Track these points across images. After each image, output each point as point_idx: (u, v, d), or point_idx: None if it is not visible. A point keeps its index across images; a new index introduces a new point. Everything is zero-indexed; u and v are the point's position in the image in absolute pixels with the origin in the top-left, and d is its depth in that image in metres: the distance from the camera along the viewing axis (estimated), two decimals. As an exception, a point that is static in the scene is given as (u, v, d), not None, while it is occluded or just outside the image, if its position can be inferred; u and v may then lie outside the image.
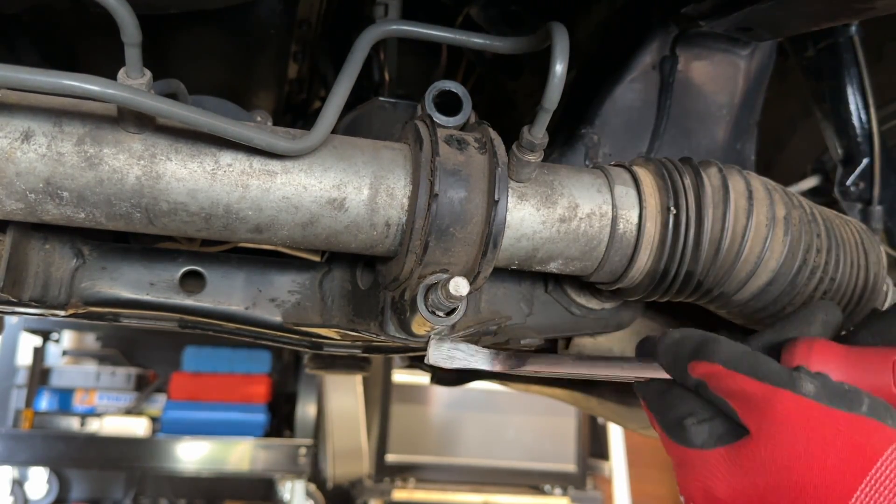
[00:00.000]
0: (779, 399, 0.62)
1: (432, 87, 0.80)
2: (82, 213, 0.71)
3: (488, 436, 4.09)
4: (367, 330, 0.89)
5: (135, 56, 0.67)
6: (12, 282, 0.81)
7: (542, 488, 4.05)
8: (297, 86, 1.39)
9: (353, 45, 0.82)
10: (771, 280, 0.87)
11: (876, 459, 0.59)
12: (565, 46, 0.73)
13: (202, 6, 0.91)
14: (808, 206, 0.92)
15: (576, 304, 1.00)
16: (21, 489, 3.66)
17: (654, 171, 0.86)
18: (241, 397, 3.60)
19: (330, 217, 0.75)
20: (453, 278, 0.71)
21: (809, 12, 0.92)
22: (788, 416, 0.62)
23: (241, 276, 0.94)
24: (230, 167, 0.72)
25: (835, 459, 0.60)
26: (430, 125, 0.78)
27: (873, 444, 0.59)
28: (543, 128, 0.76)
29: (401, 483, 3.90)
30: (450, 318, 0.73)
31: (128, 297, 0.90)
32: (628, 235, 0.83)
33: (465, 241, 0.75)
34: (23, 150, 0.68)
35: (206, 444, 3.44)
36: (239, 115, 0.90)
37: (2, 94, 0.69)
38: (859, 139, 1.30)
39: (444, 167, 0.74)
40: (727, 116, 1.14)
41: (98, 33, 0.98)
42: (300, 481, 3.59)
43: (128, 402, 3.68)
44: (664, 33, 1.08)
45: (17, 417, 3.52)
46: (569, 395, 1.67)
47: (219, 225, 0.74)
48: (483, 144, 0.78)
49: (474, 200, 0.75)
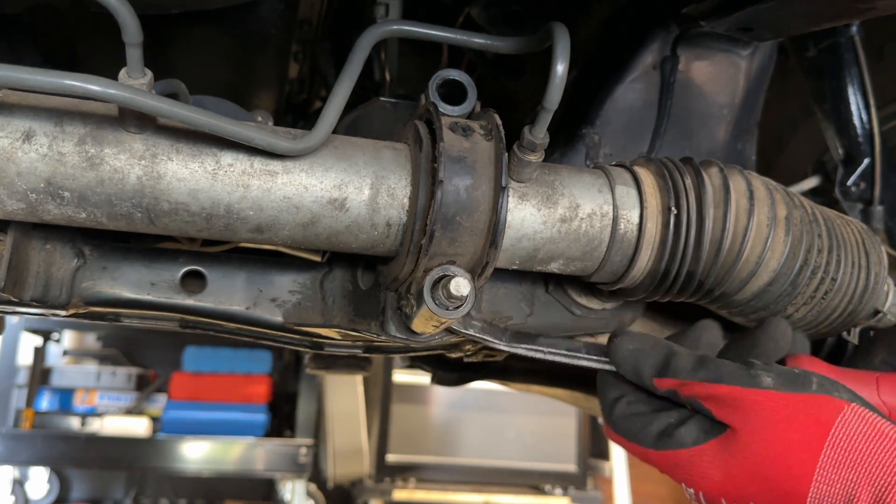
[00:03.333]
0: (744, 397, 0.72)
1: (436, 75, 0.79)
2: (83, 213, 0.71)
3: (489, 436, 4.09)
4: (368, 330, 0.89)
5: (136, 56, 0.67)
6: (13, 282, 0.81)
7: (543, 488, 4.04)
8: (297, 86, 1.39)
9: (354, 45, 0.82)
10: (772, 280, 0.87)
11: (830, 426, 0.69)
12: (566, 46, 0.73)
13: (203, 6, 0.91)
14: (810, 207, 0.92)
15: (576, 305, 1.00)
16: (22, 489, 3.66)
17: (655, 171, 0.86)
18: (241, 397, 3.60)
19: (331, 217, 0.75)
20: (454, 278, 0.71)
21: (810, 12, 0.92)
22: (756, 409, 0.72)
23: (241, 276, 0.94)
24: (231, 167, 0.72)
25: (799, 434, 0.70)
26: (434, 113, 0.77)
27: (826, 415, 0.70)
28: (544, 128, 0.76)
29: (401, 483, 3.90)
30: (457, 311, 0.72)
31: (129, 297, 0.90)
32: (629, 235, 0.83)
33: (471, 231, 0.74)
34: (24, 150, 0.68)
35: (207, 443, 3.44)
36: (240, 115, 0.90)
37: (3, 94, 0.69)
38: (860, 139, 1.30)
39: (448, 154, 0.73)
40: (728, 116, 1.14)
41: (99, 33, 0.98)
42: (301, 481, 3.59)
43: (128, 402, 3.68)
44: (665, 33, 1.08)
45: (18, 417, 3.53)
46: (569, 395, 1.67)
47: (220, 225, 0.74)
48: (489, 131, 0.77)
49: (481, 188, 0.73)
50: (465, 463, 4.03)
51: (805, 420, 0.70)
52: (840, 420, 0.69)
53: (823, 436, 0.69)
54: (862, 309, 0.95)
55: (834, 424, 0.69)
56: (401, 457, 3.96)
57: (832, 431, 0.69)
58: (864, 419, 0.69)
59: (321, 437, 3.75)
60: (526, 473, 4.06)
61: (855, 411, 0.69)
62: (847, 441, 0.68)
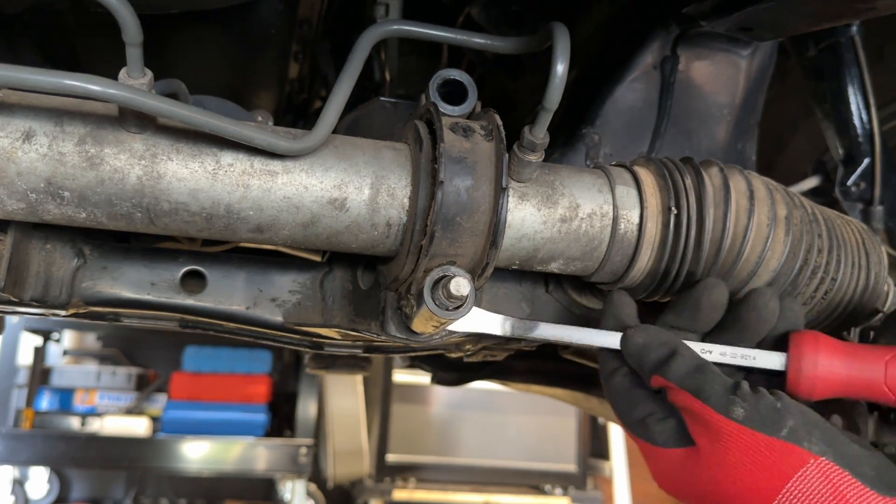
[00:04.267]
0: (714, 421, 0.71)
1: (437, 75, 0.79)
2: (83, 212, 0.71)
3: (489, 436, 4.09)
4: (368, 330, 0.89)
5: (136, 56, 0.67)
6: (13, 282, 0.81)
7: (543, 488, 4.04)
8: (297, 86, 1.39)
9: (354, 45, 0.81)
10: (772, 280, 0.87)
11: (787, 480, 0.67)
12: (566, 46, 0.73)
13: (203, 6, 0.91)
14: (810, 207, 0.92)
15: (576, 304, 1.00)
16: (22, 489, 3.66)
17: (655, 170, 0.86)
18: (241, 397, 3.60)
19: (331, 217, 0.75)
20: (454, 278, 0.71)
21: (810, 12, 0.92)
22: (722, 439, 0.71)
23: (241, 276, 0.94)
24: (231, 167, 0.72)
25: (754, 478, 0.69)
26: (434, 113, 0.77)
27: (787, 466, 0.67)
28: (544, 128, 0.76)
29: (401, 483, 3.90)
30: (457, 311, 0.72)
31: (129, 296, 0.90)
32: (629, 235, 0.83)
33: (472, 232, 0.74)
34: (24, 150, 0.68)
35: (207, 443, 3.44)
36: (240, 115, 0.90)
37: (3, 93, 0.69)
38: (860, 139, 1.30)
39: (449, 154, 0.73)
40: (728, 116, 1.14)
41: (99, 33, 0.98)
42: (301, 481, 3.60)
43: (128, 402, 3.68)
44: (665, 33, 1.08)
45: (18, 417, 3.53)
46: (569, 395, 1.67)
47: (220, 225, 0.74)
48: (489, 132, 0.77)
49: (481, 189, 0.73)
50: (465, 463, 4.03)
51: (765, 465, 0.68)
52: (800, 475, 0.67)
53: (779, 487, 0.67)
54: (862, 309, 0.95)
55: (792, 479, 0.67)
56: (401, 457, 3.96)
57: (787, 486, 0.67)
58: (826, 477, 0.66)
59: (321, 437, 3.76)
60: (526, 473, 4.06)
61: (819, 467, 0.67)
62: (802, 497, 0.66)
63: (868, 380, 0.78)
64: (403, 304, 0.82)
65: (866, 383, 0.78)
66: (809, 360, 0.79)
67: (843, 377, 0.78)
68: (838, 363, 0.78)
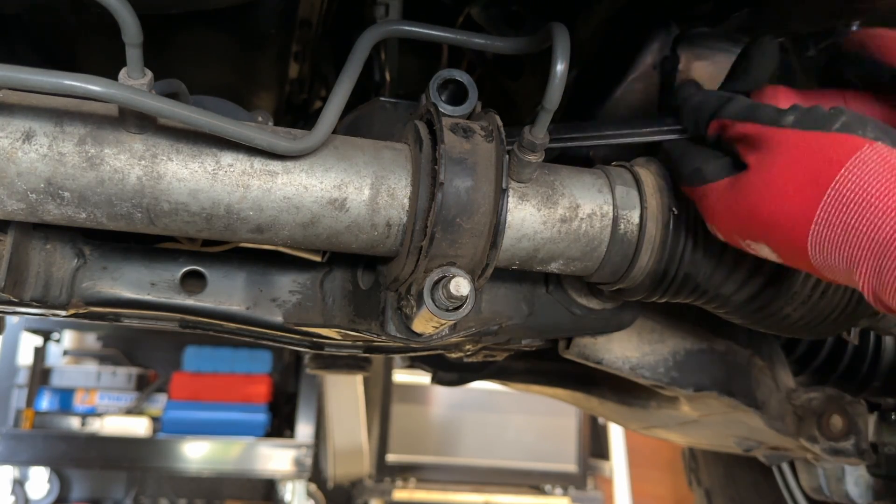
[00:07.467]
0: (765, 134, 0.70)
1: (437, 75, 0.79)
2: (83, 213, 0.72)
3: (489, 436, 4.09)
4: (368, 330, 0.89)
5: (136, 56, 0.67)
6: (13, 282, 0.81)
7: (543, 488, 4.05)
8: (298, 86, 1.39)
9: (354, 45, 0.82)
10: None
11: (841, 165, 0.62)
12: (566, 47, 0.73)
13: (203, 6, 0.91)
14: (810, 206, 0.92)
15: (576, 305, 1.00)
16: (22, 489, 3.66)
17: (656, 171, 0.86)
18: (241, 397, 3.60)
19: (331, 217, 0.75)
20: (454, 279, 0.71)
21: (811, 12, 0.92)
22: (771, 146, 0.69)
23: (242, 276, 0.94)
24: (231, 167, 0.72)
25: (804, 174, 0.65)
26: (434, 113, 0.77)
27: (839, 154, 0.63)
28: (545, 128, 0.76)
29: (401, 483, 3.90)
30: (457, 312, 0.72)
31: (129, 297, 0.90)
32: (629, 236, 0.83)
33: (472, 233, 0.74)
34: (24, 151, 0.68)
35: (207, 443, 3.44)
36: (240, 116, 0.90)
37: (3, 94, 0.69)
38: (860, 139, 1.29)
39: (449, 155, 0.73)
40: (728, 116, 1.13)
41: (99, 33, 0.98)
42: (301, 481, 3.59)
43: (128, 402, 3.68)
44: (665, 33, 1.07)
45: (18, 417, 3.53)
46: (569, 395, 1.67)
47: (220, 225, 0.74)
48: (490, 132, 0.77)
49: (481, 190, 0.74)
50: (465, 463, 4.03)
51: (817, 159, 0.64)
52: (855, 160, 0.62)
53: (831, 176, 0.62)
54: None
55: (846, 164, 0.62)
56: (401, 457, 3.96)
57: (841, 172, 0.62)
58: (884, 159, 0.61)
59: (321, 437, 3.75)
60: (526, 473, 4.06)
61: (876, 150, 0.62)
62: (858, 181, 0.61)
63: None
64: (403, 305, 0.82)
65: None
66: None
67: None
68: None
